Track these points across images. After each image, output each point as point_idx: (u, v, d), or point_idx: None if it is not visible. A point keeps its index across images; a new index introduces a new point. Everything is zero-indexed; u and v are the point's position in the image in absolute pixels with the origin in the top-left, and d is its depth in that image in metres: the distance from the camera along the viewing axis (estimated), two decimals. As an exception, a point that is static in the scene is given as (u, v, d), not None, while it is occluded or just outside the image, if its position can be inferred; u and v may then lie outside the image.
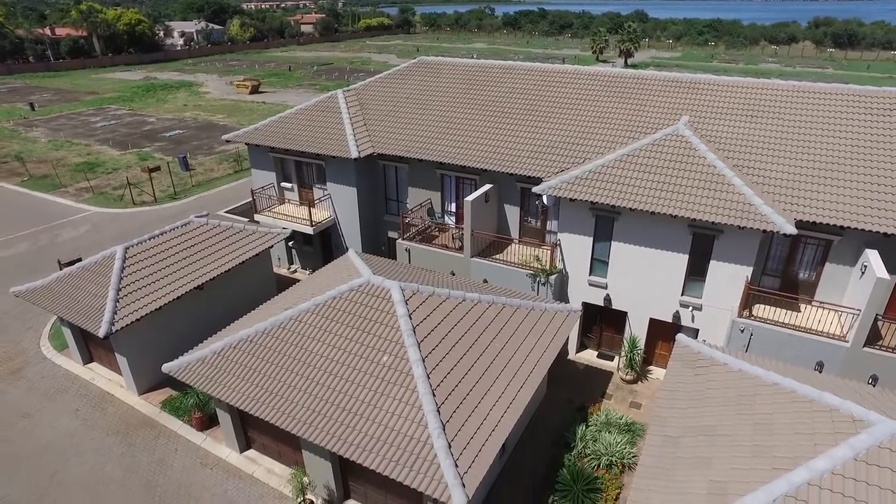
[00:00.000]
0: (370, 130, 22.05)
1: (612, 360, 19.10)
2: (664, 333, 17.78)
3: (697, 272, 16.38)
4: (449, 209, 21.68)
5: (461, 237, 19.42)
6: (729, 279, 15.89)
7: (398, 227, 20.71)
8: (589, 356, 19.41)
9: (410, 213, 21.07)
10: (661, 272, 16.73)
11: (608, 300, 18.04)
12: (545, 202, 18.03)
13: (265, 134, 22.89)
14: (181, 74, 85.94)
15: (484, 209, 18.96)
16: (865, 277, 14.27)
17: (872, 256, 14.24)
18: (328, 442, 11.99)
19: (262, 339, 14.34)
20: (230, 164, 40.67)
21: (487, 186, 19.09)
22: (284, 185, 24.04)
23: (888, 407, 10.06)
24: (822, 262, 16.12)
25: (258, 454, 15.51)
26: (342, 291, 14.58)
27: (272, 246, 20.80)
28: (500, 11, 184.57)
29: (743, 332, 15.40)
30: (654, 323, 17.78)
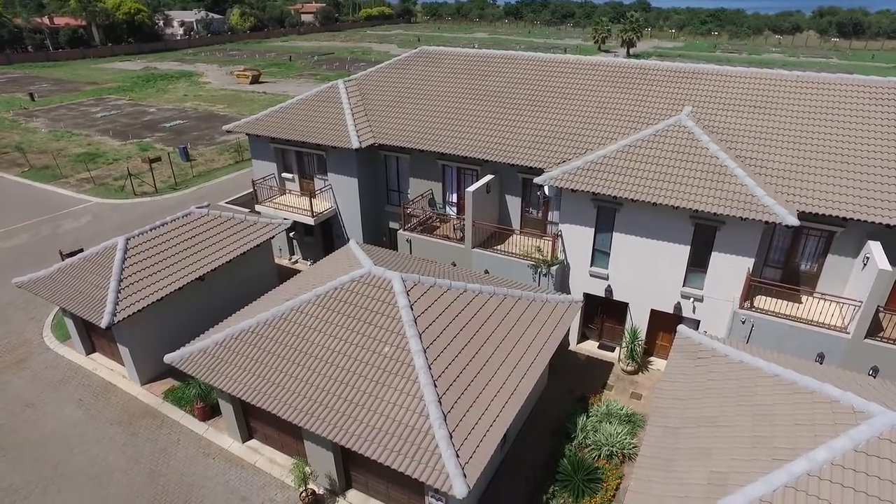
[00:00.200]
0: (371, 121, 21.96)
1: (613, 350, 19.15)
2: (665, 324, 17.80)
3: (699, 263, 16.37)
4: (450, 200, 21.65)
5: (462, 228, 19.41)
6: (730, 270, 15.86)
7: (399, 217, 20.70)
8: (590, 347, 19.46)
9: (412, 203, 21.04)
10: (662, 263, 16.72)
11: (609, 291, 18.04)
12: (547, 193, 18.00)
13: (266, 124, 22.82)
14: (181, 64, 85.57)
15: (485, 200, 18.93)
16: (868, 269, 14.24)
17: (875, 248, 14.22)
18: (330, 432, 12.05)
19: (263, 329, 14.37)
20: (231, 154, 40.60)
21: (489, 177, 19.04)
22: (285, 175, 23.99)
23: (888, 398, 10.09)
24: (823, 253, 16.09)
25: (260, 444, 15.61)
26: (343, 282, 14.60)
27: (273, 237, 20.82)
28: (501, 1, 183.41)
29: (744, 323, 15.40)
30: (655, 314, 17.80)
